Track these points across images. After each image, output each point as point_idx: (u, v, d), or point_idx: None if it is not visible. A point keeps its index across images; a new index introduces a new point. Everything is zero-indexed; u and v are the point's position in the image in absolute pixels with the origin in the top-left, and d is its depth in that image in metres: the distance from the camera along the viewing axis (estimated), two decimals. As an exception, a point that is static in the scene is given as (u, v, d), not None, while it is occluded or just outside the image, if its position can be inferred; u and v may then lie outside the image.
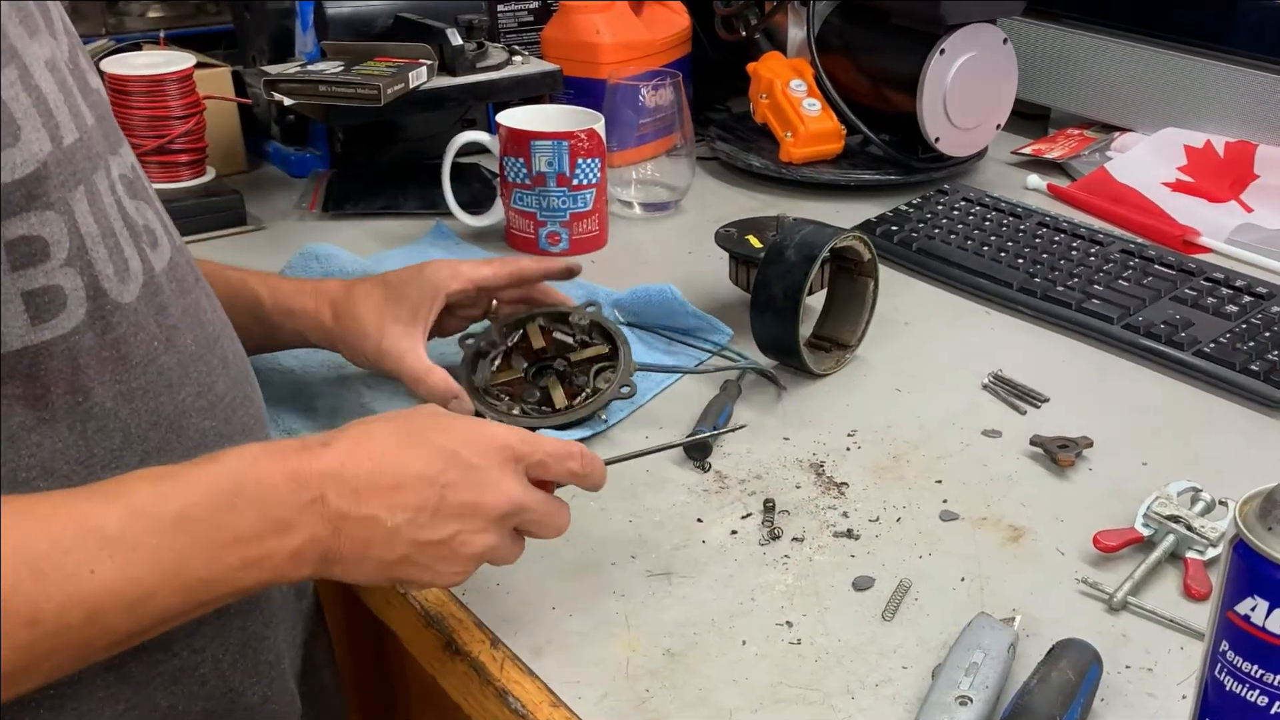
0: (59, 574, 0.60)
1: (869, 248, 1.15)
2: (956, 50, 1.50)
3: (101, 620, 0.62)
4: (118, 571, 0.62)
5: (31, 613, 0.60)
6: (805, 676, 0.78)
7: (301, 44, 1.57)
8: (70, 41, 0.73)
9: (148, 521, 0.64)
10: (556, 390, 1.06)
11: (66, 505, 0.63)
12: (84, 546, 0.61)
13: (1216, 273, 1.27)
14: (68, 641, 0.62)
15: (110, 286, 0.70)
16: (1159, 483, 0.94)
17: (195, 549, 0.65)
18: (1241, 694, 0.62)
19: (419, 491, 0.71)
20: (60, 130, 0.67)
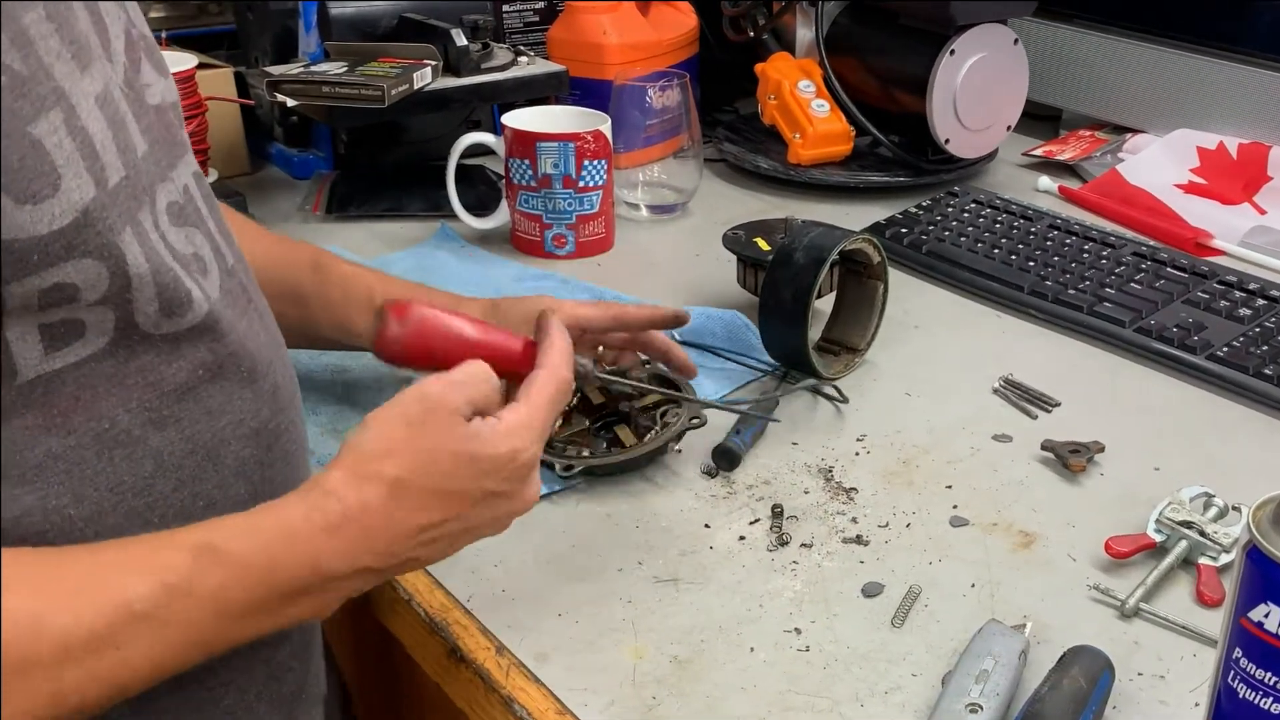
0: (84, 651, 0.61)
1: (878, 250, 1.14)
2: (967, 51, 1.49)
3: (125, 688, 0.64)
4: (145, 648, 0.63)
5: (53, 691, 0.60)
6: (814, 684, 0.77)
7: (305, 44, 1.57)
8: (129, 57, 0.72)
9: (180, 599, 0.64)
10: (624, 431, 1.02)
11: (98, 576, 0.63)
12: (112, 624, 0.62)
13: (1230, 275, 1.26)
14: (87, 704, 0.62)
15: (144, 320, 0.69)
16: (1171, 488, 0.93)
17: (227, 622, 0.66)
18: (1255, 701, 0.62)
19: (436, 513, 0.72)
20: (105, 171, 0.65)
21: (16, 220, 0.60)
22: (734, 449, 0.99)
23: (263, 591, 0.67)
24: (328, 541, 0.69)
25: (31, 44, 0.62)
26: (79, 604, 0.61)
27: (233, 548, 0.66)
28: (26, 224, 0.60)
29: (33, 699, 0.60)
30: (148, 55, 0.75)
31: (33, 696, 0.60)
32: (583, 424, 1.03)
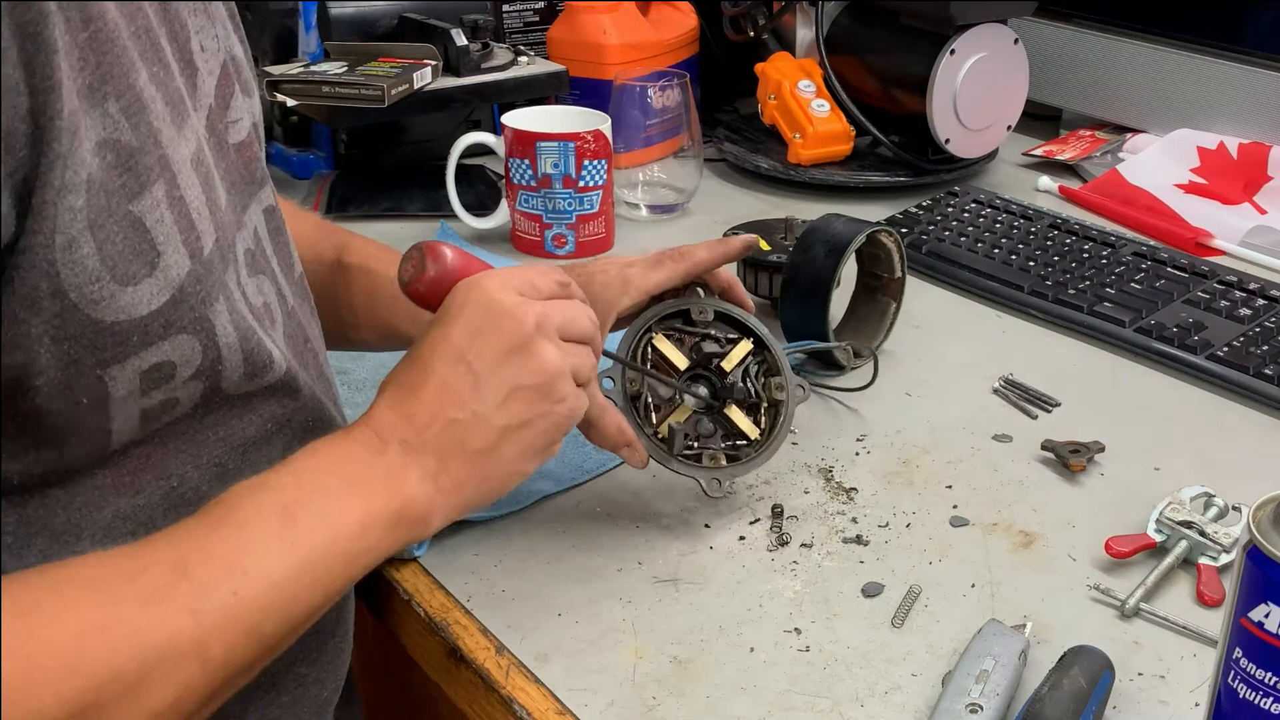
0: (213, 610, 0.60)
1: (900, 256, 1.17)
2: (967, 51, 1.49)
3: (257, 634, 0.63)
4: (258, 585, 0.62)
5: (201, 652, 0.60)
6: (814, 684, 0.77)
7: (305, 44, 1.57)
8: (218, 95, 0.71)
9: (264, 529, 0.64)
10: (742, 420, 0.94)
11: (185, 543, 0.63)
12: (222, 578, 0.62)
13: (1230, 275, 1.26)
14: (233, 666, 0.62)
15: (229, 385, 0.69)
16: (1171, 488, 0.93)
17: (314, 536, 0.66)
18: (1255, 701, 0.62)
19: (456, 374, 0.73)
20: (201, 240, 0.64)
21: (118, 303, 0.59)
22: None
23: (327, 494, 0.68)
24: (353, 438, 0.71)
25: (144, 109, 0.60)
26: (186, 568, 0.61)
27: (280, 480, 0.67)
28: (126, 306, 0.59)
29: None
30: (238, 78, 0.74)
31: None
32: (685, 411, 0.93)
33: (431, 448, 0.72)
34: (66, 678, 0.55)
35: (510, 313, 0.75)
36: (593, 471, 0.99)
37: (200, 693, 0.61)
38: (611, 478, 0.99)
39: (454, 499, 0.73)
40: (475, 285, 0.76)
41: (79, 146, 0.55)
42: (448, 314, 0.75)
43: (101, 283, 0.58)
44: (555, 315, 0.77)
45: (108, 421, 0.62)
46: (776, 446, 0.94)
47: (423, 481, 0.71)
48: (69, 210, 0.56)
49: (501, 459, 0.75)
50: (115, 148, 0.58)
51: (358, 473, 0.69)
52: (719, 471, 0.91)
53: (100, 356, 0.59)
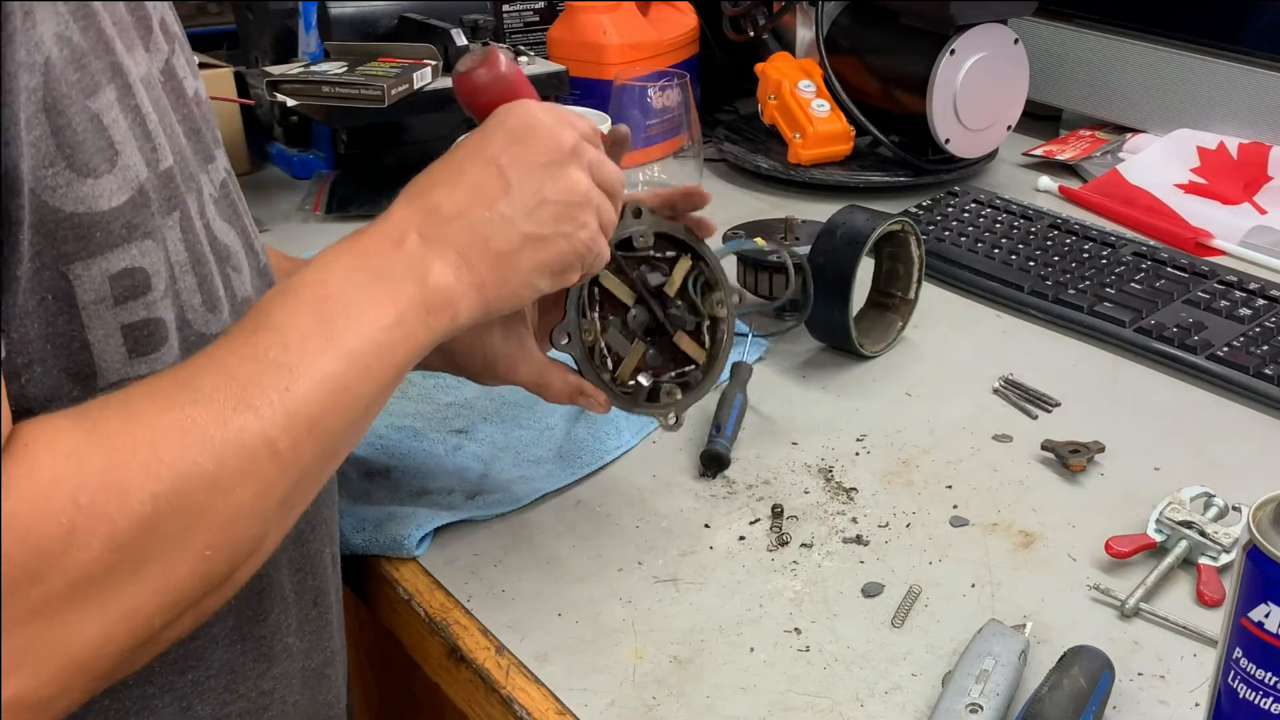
0: (269, 406, 0.61)
1: (920, 259, 1.19)
2: (967, 51, 1.49)
3: (319, 426, 0.64)
4: (307, 380, 0.63)
5: (265, 446, 0.61)
6: (814, 684, 0.77)
7: (304, 44, 1.57)
8: (169, 48, 0.72)
9: (296, 330, 0.64)
10: (688, 343, 0.92)
11: (227, 350, 0.63)
12: (270, 375, 0.62)
13: (1230, 275, 1.26)
14: (301, 459, 0.63)
15: (195, 318, 0.68)
16: (1171, 488, 0.93)
17: (351, 331, 0.66)
18: (1255, 701, 0.62)
19: (485, 175, 0.75)
20: (157, 154, 0.65)
21: (77, 193, 0.59)
22: (720, 451, 0.99)
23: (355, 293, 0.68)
24: (372, 231, 0.72)
25: (94, 15, 0.61)
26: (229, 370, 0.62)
27: (303, 287, 0.67)
28: (87, 198, 0.60)
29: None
30: (182, 49, 0.75)
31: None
32: (636, 348, 0.92)
33: (452, 241, 0.73)
34: (147, 477, 0.56)
35: (551, 131, 0.77)
36: (592, 466, 0.99)
37: (278, 490, 0.62)
38: (611, 478, 0.99)
39: (475, 295, 0.73)
40: (521, 105, 0.78)
41: (35, 28, 0.56)
42: (488, 126, 0.78)
43: (57, 168, 0.58)
44: (589, 151, 0.79)
45: (83, 330, 0.62)
46: (722, 365, 0.93)
47: (444, 272, 0.71)
48: (25, 89, 0.56)
49: (519, 266, 0.75)
50: (69, 44, 0.59)
51: (379, 265, 0.70)
52: (674, 406, 0.91)
53: (61, 250, 0.59)
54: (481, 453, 1.02)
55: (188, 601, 0.60)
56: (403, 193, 0.76)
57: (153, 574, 0.57)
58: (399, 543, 0.90)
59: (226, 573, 0.61)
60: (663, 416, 0.91)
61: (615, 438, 1.02)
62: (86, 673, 0.56)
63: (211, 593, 0.61)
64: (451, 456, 1.01)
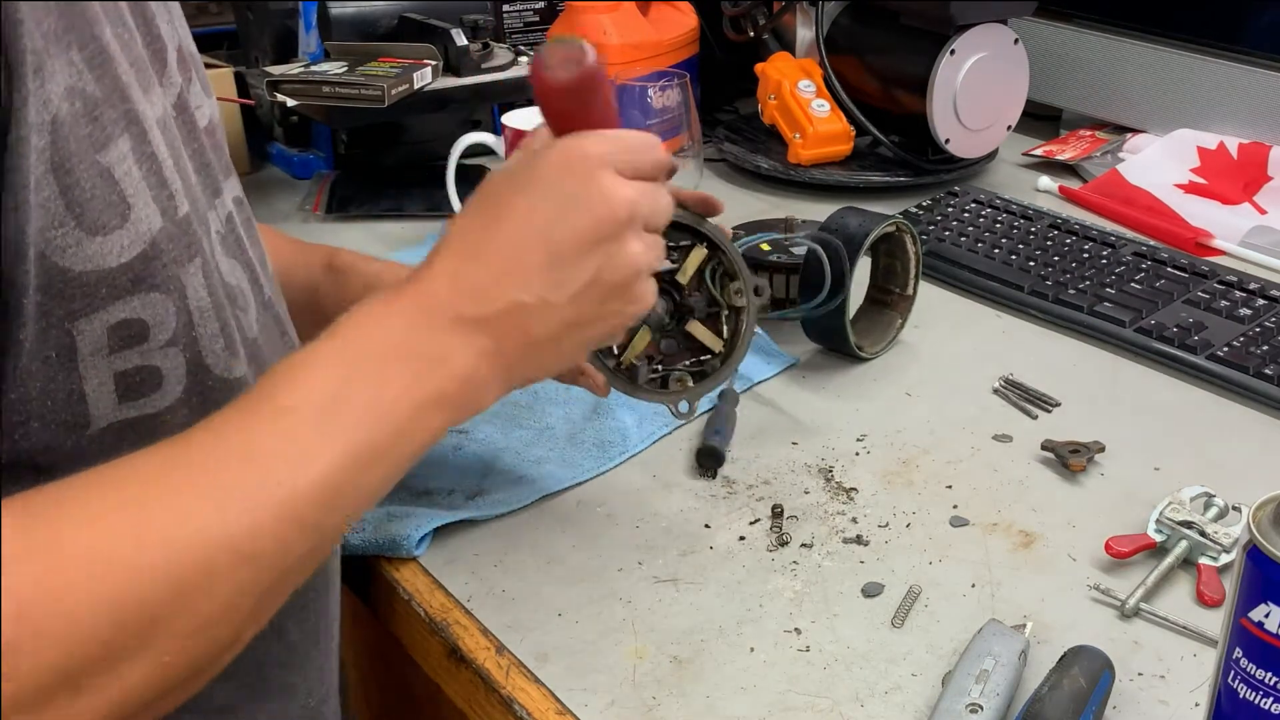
0: (252, 502, 0.57)
1: (917, 255, 1.18)
2: (967, 51, 1.49)
3: (312, 522, 0.60)
4: (305, 475, 0.59)
5: (246, 548, 0.56)
6: (814, 684, 0.77)
7: (305, 44, 1.57)
8: (183, 79, 0.70)
9: (303, 415, 0.60)
10: (704, 333, 0.90)
11: (220, 434, 0.59)
12: (265, 469, 0.58)
13: (1230, 275, 1.26)
14: (286, 561, 0.59)
15: (215, 362, 0.67)
16: (1172, 488, 0.93)
17: (363, 424, 0.62)
18: (1255, 701, 0.62)
19: (534, 254, 0.68)
20: (174, 201, 0.63)
21: (86, 251, 0.57)
22: (717, 447, 0.99)
23: (378, 377, 0.64)
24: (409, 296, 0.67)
25: (110, 61, 0.59)
26: (211, 463, 0.58)
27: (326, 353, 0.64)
28: (95, 256, 0.58)
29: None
30: (197, 73, 0.73)
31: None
32: (645, 335, 0.90)
33: (489, 328, 0.67)
34: (97, 585, 0.52)
35: (607, 197, 0.69)
36: (593, 471, 0.99)
37: (255, 591, 0.58)
38: (612, 477, 0.99)
39: (504, 380, 0.69)
40: (578, 150, 0.71)
41: (44, 86, 0.55)
42: (538, 174, 0.70)
43: (65, 228, 0.56)
44: (645, 205, 0.72)
45: (80, 383, 0.60)
46: (742, 355, 0.90)
47: (478, 361, 0.67)
48: (34, 150, 0.55)
49: (560, 351, 0.71)
50: (81, 96, 0.57)
51: (409, 352, 0.65)
52: (686, 393, 0.90)
53: (69, 308, 0.58)
54: (482, 453, 1.02)
55: (143, 703, 0.55)
56: (443, 251, 0.69)
57: (96, 688, 0.52)
58: (399, 543, 0.90)
59: (190, 675, 0.57)
60: (673, 404, 0.90)
61: (621, 443, 1.02)
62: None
63: (176, 691, 0.57)
64: (452, 456, 1.01)
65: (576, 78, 0.71)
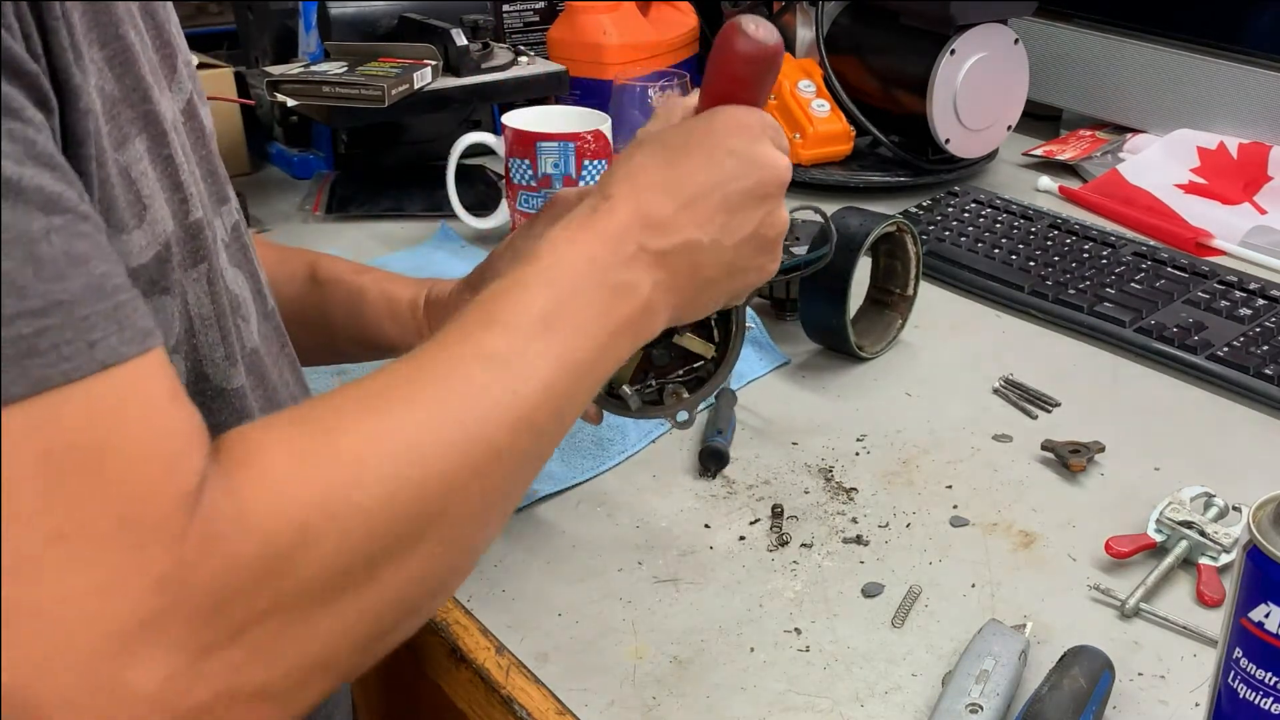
0: (496, 408, 0.61)
1: (918, 255, 1.19)
2: (967, 51, 1.49)
3: (539, 431, 0.64)
4: (531, 384, 0.63)
5: (491, 448, 0.60)
6: (814, 684, 0.77)
7: (305, 44, 1.57)
8: (191, 85, 0.70)
9: (522, 332, 0.64)
10: (694, 342, 0.89)
11: (449, 348, 0.63)
12: (496, 377, 0.62)
13: (1230, 275, 1.26)
14: (522, 464, 0.64)
15: (214, 371, 0.67)
16: (1172, 488, 0.93)
17: (571, 340, 0.66)
18: (1255, 701, 0.62)
19: (711, 198, 0.72)
20: (186, 205, 0.64)
21: (114, 248, 0.56)
22: (720, 448, 0.99)
23: (578, 300, 0.67)
24: (596, 222, 0.70)
25: (132, 61, 0.60)
26: (458, 374, 0.62)
27: (526, 276, 0.67)
28: (121, 254, 0.58)
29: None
30: (195, 83, 0.73)
31: None
32: (634, 359, 0.89)
33: (667, 262, 0.71)
34: (377, 477, 0.56)
35: (774, 163, 0.75)
36: (592, 471, 0.99)
37: (500, 493, 0.62)
38: (611, 477, 0.99)
39: (671, 313, 0.73)
40: (746, 117, 0.76)
41: (86, 78, 0.55)
42: (713, 131, 0.75)
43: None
44: (789, 177, 0.78)
45: None
46: (735, 358, 0.90)
47: (654, 291, 0.70)
48: (90, 135, 0.55)
49: (716, 293, 0.76)
50: (101, 93, 0.58)
51: (604, 276, 0.69)
52: (682, 404, 0.90)
53: None
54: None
55: (417, 602, 0.60)
56: (618, 178, 0.73)
57: (385, 574, 0.56)
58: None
59: (450, 574, 0.62)
60: (671, 417, 0.90)
61: (620, 442, 1.02)
62: (324, 669, 0.56)
63: (438, 594, 0.62)
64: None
65: (773, 47, 0.76)
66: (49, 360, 0.47)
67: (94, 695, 0.48)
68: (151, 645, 0.48)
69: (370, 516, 0.55)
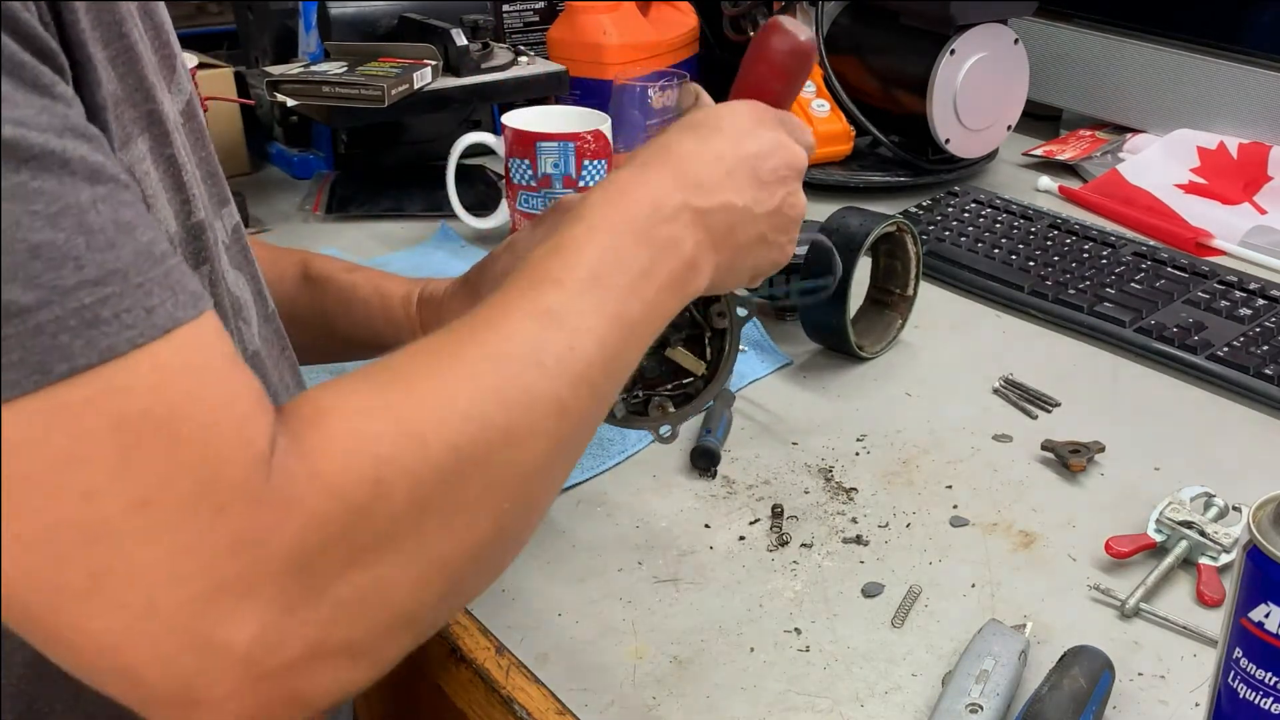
0: (555, 363, 0.62)
1: (918, 255, 1.19)
2: (967, 51, 1.49)
3: (596, 387, 0.65)
4: (587, 340, 0.64)
5: (554, 403, 0.61)
6: (814, 684, 0.77)
7: (305, 44, 1.57)
8: (191, 86, 0.70)
9: (574, 287, 0.65)
10: (685, 358, 0.91)
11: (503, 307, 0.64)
12: (553, 333, 0.63)
13: (1230, 275, 1.26)
14: (583, 419, 0.64)
15: None
16: (1171, 488, 0.93)
17: (621, 295, 0.67)
18: (1255, 701, 0.62)
19: (745, 170, 0.75)
20: (189, 206, 0.64)
21: None
22: (712, 447, 0.99)
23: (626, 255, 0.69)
24: (639, 181, 0.72)
25: (136, 60, 0.60)
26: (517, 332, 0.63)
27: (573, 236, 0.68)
28: None
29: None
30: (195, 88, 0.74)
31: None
32: None
33: (707, 221, 0.73)
34: (445, 429, 0.57)
35: (795, 151, 0.79)
36: (592, 471, 0.99)
37: (562, 448, 0.63)
38: (611, 477, 0.99)
39: (710, 278, 0.74)
40: (764, 109, 0.80)
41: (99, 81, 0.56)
42: (736, 117, 0.78)
43: None
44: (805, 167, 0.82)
45: None
46: (725, 378, 0.91)
47: (697, 250, 0.72)
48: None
49: (745, 262, 0.77)
50: (106, 93, 0.58)
51: (649, 233, 0.70)
52: (667, 418, 0.90)
53: None
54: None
55: (489, 555, 0.61)
56: (652, 151, 0.75)
57: (458, 525, 0.57)
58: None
59: (520, 528, 0.63)
60: (654, 429, 0.90)
61: (620, 442, 1.02)
62: (405, 623, 0.57)
63: (509, 549, 0.63)
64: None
65: (808, 44, 0.83)
66: (113, 329, 0.48)
67: (186, 653, 0.49)
68: (239, 604, 0.50)
69: (440, 469, 0.56)
